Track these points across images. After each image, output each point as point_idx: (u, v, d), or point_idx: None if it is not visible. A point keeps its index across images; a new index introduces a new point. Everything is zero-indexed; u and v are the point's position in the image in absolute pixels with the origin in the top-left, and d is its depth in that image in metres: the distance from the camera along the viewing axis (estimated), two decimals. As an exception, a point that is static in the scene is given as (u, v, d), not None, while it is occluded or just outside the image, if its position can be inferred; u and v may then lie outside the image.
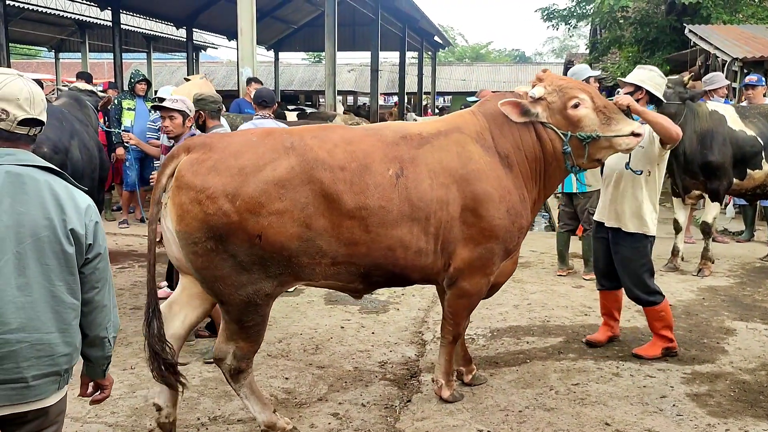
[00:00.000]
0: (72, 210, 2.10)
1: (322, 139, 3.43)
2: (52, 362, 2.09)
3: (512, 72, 38.07)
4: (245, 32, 9.32)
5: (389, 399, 4.09)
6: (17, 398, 2.02)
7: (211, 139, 3.44)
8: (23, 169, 2.04)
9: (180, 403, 3.97)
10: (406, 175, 3.45)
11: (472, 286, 3.75)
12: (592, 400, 4.03)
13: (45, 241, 2.05)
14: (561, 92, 3.77)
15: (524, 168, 3.79)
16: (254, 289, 3.29)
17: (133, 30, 25.39)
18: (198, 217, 3.17)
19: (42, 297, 2.05)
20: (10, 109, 2.02)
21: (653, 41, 15.62)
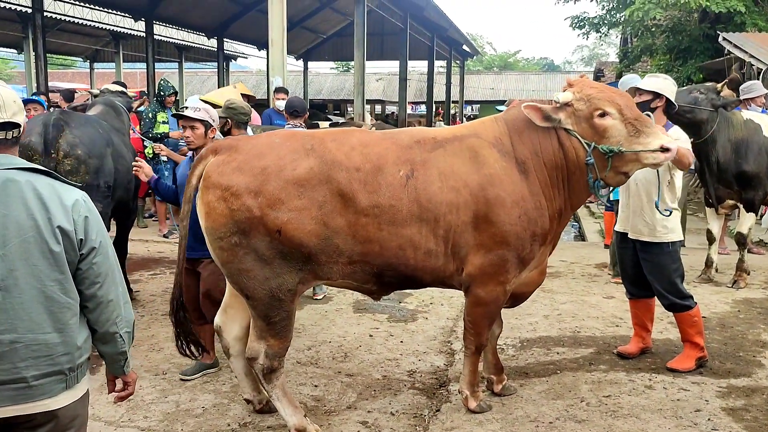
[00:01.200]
0: (57, 207, 2.09)
1: (340, 142, 3.60)
2: (52, 362, 2.09)
3: (541, 81, 37.85)
4: (276, 42, 9.43)
5: (418, 408, 4.08)
6: (20, 398, 2.03)
7: (237, 142, 3.66)
8: (3, 172, 2.03)
9: (211, 409, 4.03)
10: (416, 176, 3.55)
11: (487, 294, 3.73)
12: (625, 413, 3.97)
13: (31, 241, 2.04)
14: (588, 101, 3.69)
15: (542, 175, 3.74)
16: (277, 284, 3.46)
17: (165, 40, 25.84)
18: (223, 213, 3.39)
19: (33, 298, 2.05)
20: None
21: (686, 49, 15.41)
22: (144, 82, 27.99)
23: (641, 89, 4.56)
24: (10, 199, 2.02)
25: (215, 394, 4.26)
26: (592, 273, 7.51)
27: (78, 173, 4.98)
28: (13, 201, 2.02)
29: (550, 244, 3.99)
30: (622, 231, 4.78)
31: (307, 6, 22.70)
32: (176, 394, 4.24)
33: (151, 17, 20.45)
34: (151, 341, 5.21)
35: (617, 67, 21.12)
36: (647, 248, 4.58)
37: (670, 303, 4.59)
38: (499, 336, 4.33)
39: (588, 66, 52.39)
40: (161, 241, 9.13)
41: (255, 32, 24.29)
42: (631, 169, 3.80)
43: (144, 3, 19.73)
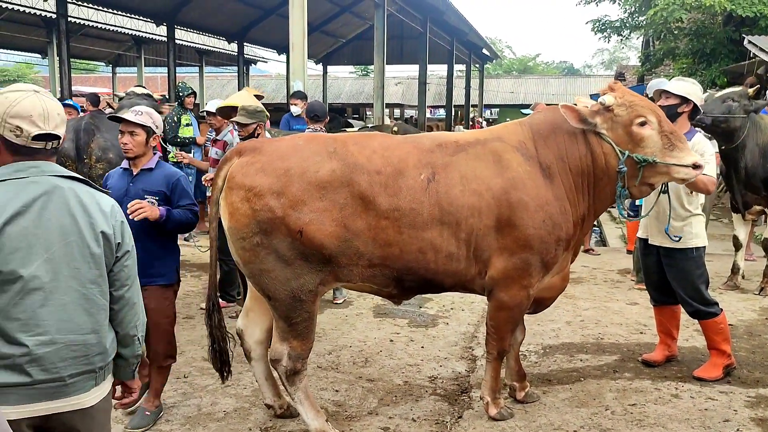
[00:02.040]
0: (97, 212, 2.18)
1: (362, 146, 3.62)
2: (87, 361, 2.16)
3: (561, 84, 37.64)
4: (297, 47, 9.45)
5: (440, 414, 4.04)
6: (56, 395, 2.09)
7: (261, 144, 3.71)
8: (48, 178, 2.12)
9: (232, 413, 4.03)
10: (437, 180, 3.55)
11: (511, 298, 3.70)
12: (651, 422, 3.90)
13: (73, 245, 2.12)
14: (630, 107, 3.66)
15: (567, 180, 3.71)
16: (298, 285, 3.48)
17: (186, 44, 26.08)
18: (246, 214, 3.43)
19: (74, 300, 2.12)
20: (24, 125, 2.08)
21: (709, 53, 15.21)
22: (165, 86, 28.28)
23: (668, 92, 4.48)
24: (55, 204, 2.10)
25: (236, 398, 4.25)
26: (614, 279, 7.42)
27: None
28: (58, 206, 2.10)
29: (572, 250, 3.94)
30: (645, 237, 4.70)
31: (326, 10, 22.78)
32: (198, 398, 4.24)
33: (172, 22, 20.64)
34: (172, 344, 5.21)
35: (639, 71, 20.94)
36: (671, 254, 4.51)
37: (694, 310, 4.51)
38: (521, 342, 4.28)
39: (608, 70, 52.04)
40: (182, 245, 9.14)
41: (275, 36, 24.43)
42: (658, 182, 3.80)
43: (166, 8, 19.92)
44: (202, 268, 7.79)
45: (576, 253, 4.09)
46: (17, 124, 2.08)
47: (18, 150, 2.11)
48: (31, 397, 2.05)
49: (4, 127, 2.08)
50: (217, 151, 6.16)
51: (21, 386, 2.03)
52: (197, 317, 5.96)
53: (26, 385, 2.04)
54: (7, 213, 2.03)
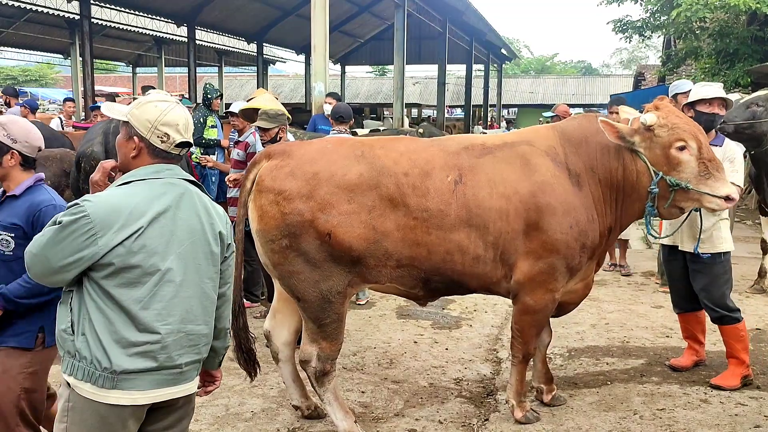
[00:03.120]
0: (215, 215, 2.39)
1: (389, 149, 3.67)
2: (198, 351, 2.34)
3: (579, 84, 37.41)
4: (318, 48, 9.47)
5: (466, 417, 4.04)
6: (173, 382, 2.26)
7: (290, 147, 3.74)
8: (181, 181, 2.33)
9: (260, 413, 4.05)
10: (464, 182, 3.57)
11: (536, 302, 3.70)
12: (680, 428, 3.87)
13: (198, 243, 2.31)
14: (672, 129, 3.62)
15: (596, 190, 3.70)
16: (327, 286, 3.52)
17: (205, 45, 26.24)
18: (275, 217, 3.47)
19: (196, 293, 2.30)
20: (171, 133, 2.30)
21: (733, 53, 15.03)
22: (184, 85, 28.50)
23: (710, 99, 4.45)
24: (185, 204, 2.29)
25: (263, 398, 4.28)
26: (638, 281, 7.36)
27: None
28: (188, 207, 2.30)
29: (595, 260, 3.92)
30: (671, 244, 4.64)
31: (346, 11, 22.83)
32: (225, 398, 4.27)
33: (193, 23, 20.77)
34: (198, 344, 5.26)
35: (660, 71, 20.75)
36: (698, 259, 4.45)
37: (718, 316, 4.46)
38: (548, 345, 4.27)
39: (627, 69, 51.58)
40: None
41: (294, 37, 24.52)
42: (688, 207, 3.79)
43: (187, 9, 20.05)
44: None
45: (600, 264, 4.08)
46: (165, 131, 2.29)
47: (158, 154, 2.31)
48: (157, 383, 2.22)
49: (152, 133, 2.29)
50: (239, 152, 6.19)
51: (150, 371, 2.20)
52: (222, 317, 5.99)
53: (154, 371, 2.21)
54: (154, 211, 2.21)
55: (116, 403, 2.17)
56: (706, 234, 4.38)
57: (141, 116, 2.30)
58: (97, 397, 2.17)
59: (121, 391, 2.17)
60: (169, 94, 7.59)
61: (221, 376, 2.67)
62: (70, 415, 2.20)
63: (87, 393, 2.17)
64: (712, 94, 4.53)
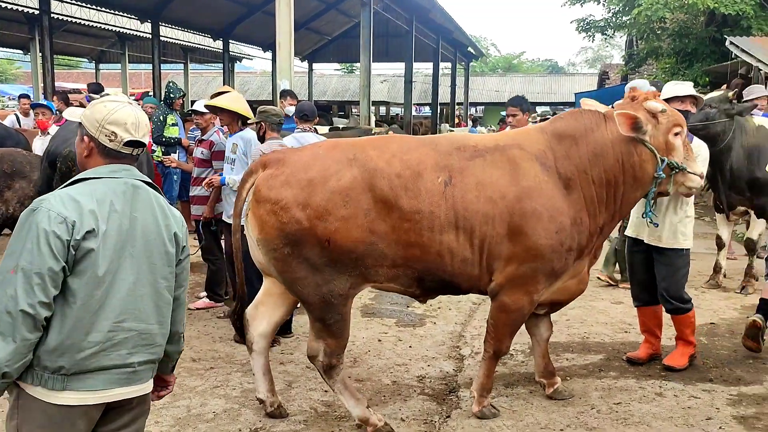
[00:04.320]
0: (172, 217, 2.41)
1: (381, 150, 3.70)
2: (152, 351, 2.34)
3: (546, 83, 37.88)
4: (283, 46, 9.44)
5: (428, 414, 4.08)
6: (126, 382, 2.26)
7: (285, 155, 3.79)
8: (136, 182, 2.34)
9: (222, 414, 4.04)
10: (453, 183, 3.61)
11: (513, 302, 3.75)
12: (636, 421, 3.96)
13: (153, 243, 2.33)
14: (671, 116, 3.79)
15: (589, 191, 3.75)
16: (328, 289, 3.60)
17: (171, 41, 25.89)
18: (275, 226, 3.54)
19: (148, 292, 2.31)
20: (118, 131, 2.31)
21: (692, 52, 15.40)
22: (149, 82, 28.06)
23: (684, 97, 4.64)
24: (141, 204, 2.31)
25: (226, 399, 4.26)
26: (599, 278, 7.47)
27: None
28: (143, 206, 2.32)
29: (589, 256, 4.00)
30: (635, 236, 4.77)
31: (312, 8, 22.75)
32: (187, 399, 4.24)
33: (157, 19, 20.50)
34: (160, 345, 5.21)
35: (623, 70, 21.13)
36: (664, 251, 4.62)
37: (674, 307, 4.66)
38: (548, 339, 4.34)
39: (592, 68, 52.31)
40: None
41: (260, 34, 24.35)
42: (674, 190, 3.96)
43: (151, 5, 19.78)
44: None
45: (596, 257, 4.19)
46: (113, 129, 2.30)
47: (109, 153, 2.32)
48: (109, 383, 2.22)
49: (100, 132, 2.30)
50: (203, 151, 6.14)
51: (102, 371, 2.21)
52: (187, 317, 5.94)
53: (106, 370, 2.21)
54: (109, 210, 2.23)
55: (64, 404, 2.17)
56: (671, 229, 4.56)
57: (90, 116, 2.33)
58: (47, 398, 2.16)
59: (72, 391, 2.17)
60: (120, 90, 7.49)
61: (174, 381, 2.68)
62: (20, 413, 2.19)
63: (37, 393, 2.16)
64: (684, 92, 4.70)
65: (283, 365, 4.84)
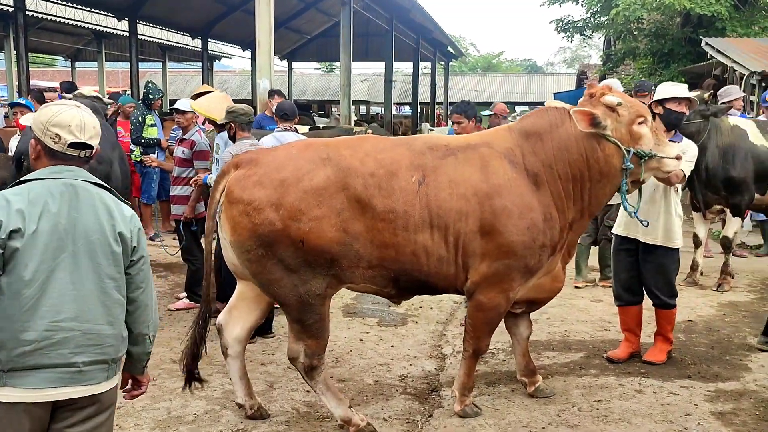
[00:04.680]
0: (119, 217, 2.40)
1: (355, 149, 3.69)
2: (101, 351, 2.33)
3: (525, 82, 38.09)
4: (263, 45, 9.38)
5: (411, 414, 4.09)
6: (70, 381, 2.26)
7: (257, 155, 3.75)
8: (79, 182, 2.36)
9: (203, 416, 4.01)
10: (427, 182, 3.61)
11: (489, 301, 3.77)
12: (616, 418, 4.00)
13: (96, 242, 2.33)
14: (631, 107, 3.80)
15: (555, 187, 3.77)
16: (305, 290, 3.57)
17: (149, 40, 25.61)
18: (248, 228, 3.50)
19: (93, 291, 2.32)
20: (62, 134, 2.34)
21: (668, 53, 15.60)
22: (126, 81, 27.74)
23: (684, 98, 4.69)
24: (82, 204, 2.33)
25: (207, 400, 4.23)
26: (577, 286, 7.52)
27: None
28: (85, 206, 2.34)
29: (561, 252, 4.01)
30: (625, 235, 4.79)
31: (292, 7, 22.64)
32: (167, 401, 4.20)
33: (135, 17, 20.25)
34: (139, 347, 5.15)
35: (600, 70, 21.31)
36: (655, 250, 4.67)
37: (662, 302, 4.75)
38: (528, 338, 4.36)
39: (570, 68, 52.72)
40: (148, 245, 9.01)
41: (239, 32, 24.17)
42: (648, 176, 3.99)
43: (128, 2, 19.53)
44: (168, 269, 7.70)
45: (570, 254, 4.20)
46: (57, 132, 2.34)
47: (55, 155, 2.35)
48: (50, 381, 2.23)
49: (45, 134, 2.34)
50: (185, 150, 6.09)
51: (42, 369, 2.22)
52: (164, 319, 5.89)
53: (46, 368, 2.22)
54: (43, 209, 2.25)
55: (4, 401, 2.19)
56: (664, 228, 4.63)
57: (37, 119, 2.38)
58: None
59: (11, 388, 2.19)
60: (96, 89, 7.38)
61: (148, 381, 2.68)
62: None
63: None
64: (683, 94, 4.73)
65: (265, 366, 4.82)
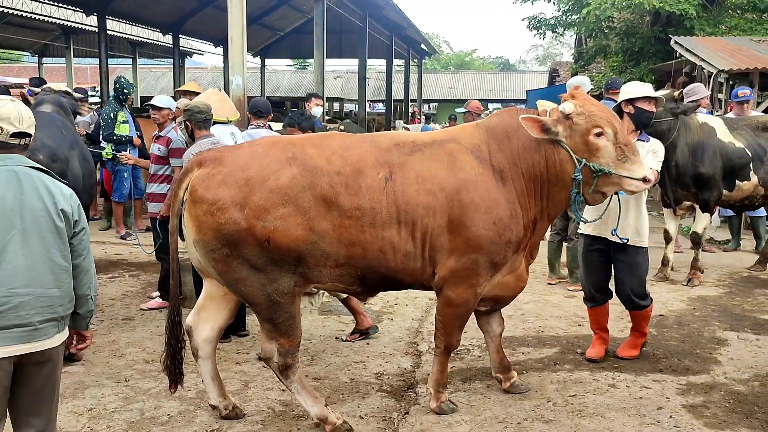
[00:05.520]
0: (60, 196, 2.76)
1: (321, 148, 3.67)
2: (53, 311, 2.74)
3: (497, 80, 38.31)
4: (236, 41, 9.27)
5: (387, 411, 4.08)
6: (28, 338, 2.65)
7: (222, 153, 3.70)
8: (20, 168, 2.71)
9: (177, 417, 3.95)
10: (394, 179, 3.61)
11: (457, 296, 3.78)
12: (590, 412, 4.04)
13: (42, 219, 2.70)
14: (589, 117, 3.74)
15: (519, 185, 3.79)
16: (273, 289, 3.55)
17: (118, 35, 25.20)
18: (212, 227, 3.48)
19: (42, 261, 2.70)
20: (3, 125, 2.69)
21: (638, 51, 15.80)
22: (95, 77, 27.27)
23: (652, 98, 4.69)
24: (26, 187, 2.68)
25: (180, 401, 4.17)
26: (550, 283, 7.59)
27: None
28: (28, 188, 2.69)
29: (524, 252, 4.02)
30: (595, 234, 4.77)
31: (265, 3, 22.45)
32: (140, 402, 4.14)
33: (104, 12, 19.90)
34: (111, 347, 5.07)
35: (572, 68, 21.50)
36: (626, 249, 4.66)
37: (636, 305, 4.75)
38: (500, 334, 4.36)
39: (542, 65, 53.13)
40: (119, 243, 8.92)
41: (211, 29, 23.91)
42: (610, 191, 3.95)
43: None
44: (140, 268, 7.60)
45: (533, 255, 4.18)
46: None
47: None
48: (12, 339, 2.62)
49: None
50: (161, 148, 6.00)
51: (3, 329, 2.61)
52: (137, 318, 5.81)
53: (7, 329, 2.61)
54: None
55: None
56: (634, 227, 4.64)
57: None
58: None
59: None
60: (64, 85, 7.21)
61: (92, 335, 3.08)
62: None
63: None
64: (652, 93, 4.73)
65: (239, 365, 4.78)
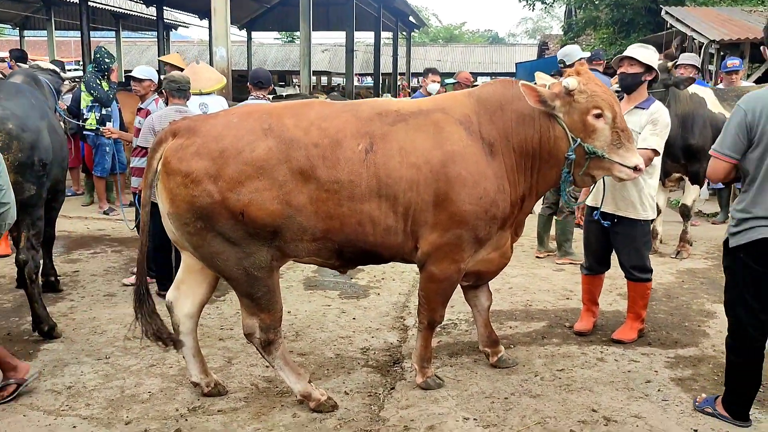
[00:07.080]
0: None
1: (299, 118, 3.53)
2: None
3: (486, 53, 37.97)
4: (219, 12, 9.08)
5: (372, 386, 4.02)
6: None
7: (195, 123, 3.56)
8: None
9: (158, 394, 3.88)
10: (375, 150, 3.48)
11: (441, 272, 3.68)
12: (578, 386, 4.00)
13: None
14: (591, 96, 3.62)
15: (509, 159, 3.67)
16: (249, 263, 3.45)
17: (101, 7, 24.68)
18: (186, 200, 3.36)
19: None
20: None
21: (629, 22, 15.66)
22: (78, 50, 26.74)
23: (633, 59, 4.49)
24: None
25: (162, 378, 4.10)
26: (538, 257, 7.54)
27: (9, 150, 4.38)
28: None
29: (511, 229, 3.93)
30: (594, 205, 4.66)
31: (250, -27, 22.03)
32: (120, 379, 4.06)
33: (84, -17, 19.46)
34: (92, 324, 4.98)
35: (562, 40, 21.32)
36: (625, 222, 4.56)
37: (635, 276, 4.62)
38: (488, 308, 4.29)
39: (532, 38, 52.79)
40: (101, 218, 8.77)
41: (197, 1, 23.45)
42: (599, 176, 3.84)
43: (77, -33, 18.74)
44: (123, 243, 7.48)
45: (518, 233, 4.09)
46: None
47: None
48: None
49: None
50: (140, 120, 5.86)
51: None
52: (119, 294, 5.71)
53: None
54: None
55: None
56: (628, 200, 4.50)
57: None
58: None
59: None
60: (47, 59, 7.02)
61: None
62: None
63: None
64: (642, 56, 4.51)
65: (223, 341, 4.70)
